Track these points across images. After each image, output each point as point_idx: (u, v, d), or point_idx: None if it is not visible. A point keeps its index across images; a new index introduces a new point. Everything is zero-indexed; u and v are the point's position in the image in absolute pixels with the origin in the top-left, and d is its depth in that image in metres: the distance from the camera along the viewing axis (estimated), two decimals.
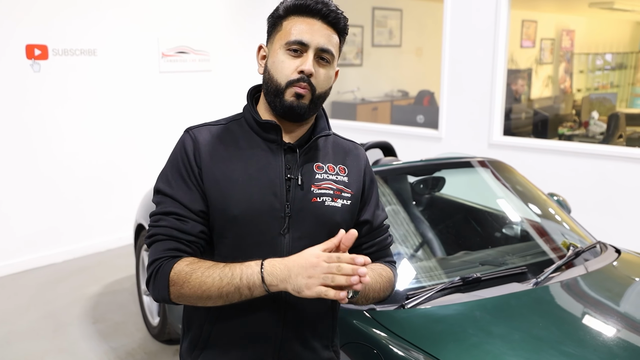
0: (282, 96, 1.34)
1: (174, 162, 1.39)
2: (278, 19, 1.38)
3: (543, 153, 4.62)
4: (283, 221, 1.35)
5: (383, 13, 7.68)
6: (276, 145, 1.39)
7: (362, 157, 1.52)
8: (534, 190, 2.88)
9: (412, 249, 2.56)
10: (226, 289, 1.25)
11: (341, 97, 7.14)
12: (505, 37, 4.72)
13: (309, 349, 1.44)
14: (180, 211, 1.34)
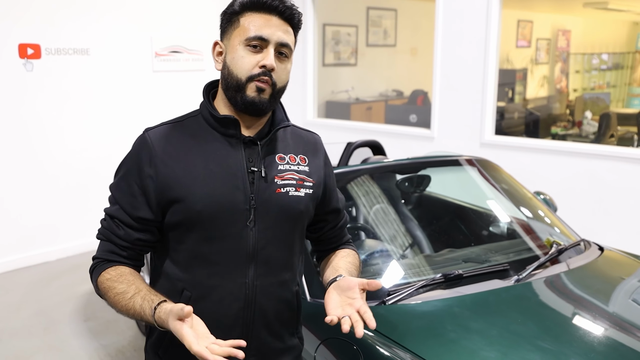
0: (244, 91, 1.36)
1: (125, 165, 1.42)
2: (234, 15, 1.40)
3: (534, 152, 4.64)
4: (249, 213, 1.38)
5: (378, 13, 7.70)
6: (235, 140, 1.41)
7: (321, 147, 1.57)
8: (520, 189, 2.90)
9: (397, 247, 2.58)
10: (133, 318, 1.35)
11: (335, 97, 7.15)
12: (497, 37, 4.74)
13: (275, 336, 1.49)
14: (120, 216, 1.39)
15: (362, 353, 1.77)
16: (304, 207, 1.45)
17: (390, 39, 7.98)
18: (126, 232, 1.39)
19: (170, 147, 1.39)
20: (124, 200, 1.39)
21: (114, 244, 1.40)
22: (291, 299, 1.51)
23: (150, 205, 1.38)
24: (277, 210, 1.41)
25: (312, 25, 6.12)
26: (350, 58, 7.43)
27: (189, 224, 1.37)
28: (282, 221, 1.42)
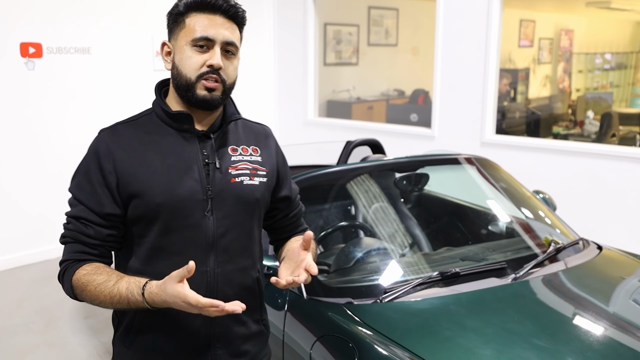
0: (194, 90, 1.41)
1: (85, 166, 1.45)
2: (179, 15, 1.43)
3: (535, 151, 4.63)
4: (206, 203, 1.44)
5: (379, 12, 7.70)
6: (189, 134, 1.46)
7: (272, 137, 1.64)
8: (519, 188, 2.90)
9: (394, 245, 2.58)
10: (119, 306, 1.36)
11: (336, 96, 7.16)
12: (498, 36, 4.74)
13: (239, 323, 1.53)
14: (87, 216, 1.42)
15: (357, 350, 1.77)
16: (259, 195, 1.52)
17: (392, 39, 7.97)
18: (96, 231, 1.42)
19: (126, 145, 1.44)
20: (88, 200, 1.42)
21: (84, 244, 1.43)
22: (252, 285, 1.55)
23: (115, 201, 1.42)
24: (233, 199, 1.47)
25: (313, 25, 6.12)
26: (352, 57, 7.43)
27: (150, 217, 1.42)
28: (238, 209, 1.48)
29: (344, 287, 2.19)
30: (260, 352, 1.62)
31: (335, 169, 2.68)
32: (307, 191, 2.80)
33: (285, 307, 2.11)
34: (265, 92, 6.44)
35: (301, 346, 1.96)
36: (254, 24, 6.08)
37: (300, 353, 1.95)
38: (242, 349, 1.55)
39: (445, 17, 4.98)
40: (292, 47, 6.29)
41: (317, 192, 2.98)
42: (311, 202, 3.04)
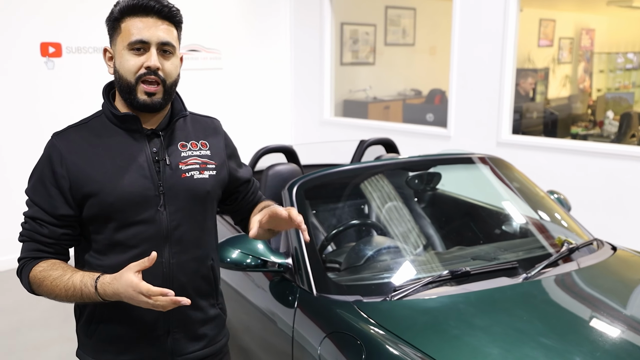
0: (135, 93, 1.47)
1: (39, 170, 1.52)
2: (115, 21, 1.48)
3: (552, 152, 4.59)
4: (158, 199, 1.51)
5: (396, 12, 7.68)
6: (138, 134, 1.53)
7: (220, 130, 1.71)
8: (533, 188, 2.88)
9: (406, 244, 2.58)
10: (73, 299, 1.44)
11: (353, 96, 7.16)
12: (514, 36, 4.70)
13: (196, 308, 1.61)
14: (42, 216, 1.49)
15: (365, 347, 1.78)
16: (210, 188, 1.60)
17: (409, 38, 7.96)
18: (50, 230, 1.49)
19: (78, 147, 1.50)
20: (42, 202, 1.49)
21: (39, 243, 1.50)
22: (207, 272, 1.64)
23: (68, 203, 1.49)
24: (184, 194, 1.54)
25: (329, 24, 6.14)
26: (369, 57, 7.42)
27: (105, 216, 1.49)
28: (190, 203, 1.56)
29: (353, 284, 2.20)
30: (218, 334, 1.73)
31: (346, 167, 2.69)
32: (319, 189, 2.82)
33: (295, 304, 2.12)
34: (282, 92, 6.46)
35: (310, 343, 1.97)
36: (270, 23, 6.11)
37: (309, 349, 1.97)
38: (199, 332, 1.65)
39: (461, 16, 4.96)
40: (309, 47, 6.31)
41: (329, 190, 2.99)
42: (323, 200, 3.05)
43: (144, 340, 1.58)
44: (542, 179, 4.36)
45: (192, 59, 5.46)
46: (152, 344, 1.58)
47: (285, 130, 6.54)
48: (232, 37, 5.83)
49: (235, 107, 5.99)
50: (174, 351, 1.61)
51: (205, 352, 1.67)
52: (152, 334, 1.57)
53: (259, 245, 2.16)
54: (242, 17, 5.95)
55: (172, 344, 1.60)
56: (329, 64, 6.22)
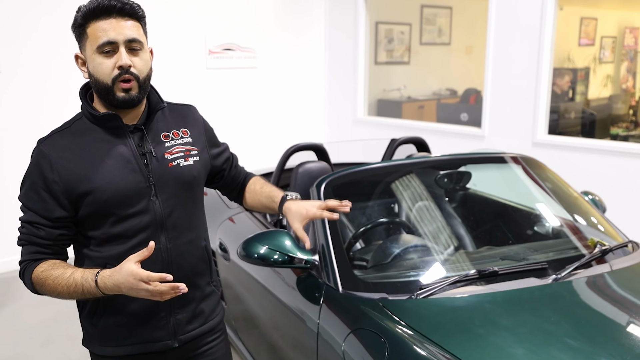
0: (113, 94, 1.52)
1: (30, 177, 1.56)
2: (80, 27, 1.51)
3: (589, 153, 4.49)
4: (150, 190, 1.60)
5: (432, 11, 7.62)
6: (121, 131, 1.59)
7: (197, 116, 1.81)
8: (566, 188, 2.82)
9: (435, 243, 2.57)
10: (75, 295, 1.50)
11: (387, 95, 7.13)
12: (552, 34, 4.62)
13: (193, 287, 1.71)
14: (38, 220, 1.54)
15: (388, 344, 1.78)
16: (196, 173, 1.69)
17: (445, 37, 7.88)
18: (47, 232, 1.55)
19: (66, 153, 1.55)
20: (37, 207, 1.54)
21: (38, 245, 1.55)
22: (201, 253, 1.74)
23: (62, 206, 1.54)
24: (173, 181, 1.63)
25: (363, 24, 6.13)
26: (404, 56, 7.38)
27: (100, 213, 1.56)
28: (180, 189, 1.64)
29: (379, 282, 2.20)
30: (214, 310, 1.83)
31: (374, 165, 2.68)
32: (348, 187, 2.82)
33: (321, 300, 2.13)
34: (316, 91, 6.49)
35: (334, 338, 1.98)
36: (305, 22, 6.14)
37: (334, 345, 1.98)
38: (197, 309, 1.75)
39: (497, 15, 4.89)
40: (343, 46, 6.31)
41: (359, 188, 2.99)
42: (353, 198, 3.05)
43: (148, 325, 1.66)
44: (578, 180, 4.27)
45: (227, 58, 5.52)
46: (155, 326, 1.66)
47: (318, 130, 6.56)
48: (267, 36, 5.87)
49: (270, 106, 6.03)
50: (176, 331, 1.70)
51: (203, 328, 1.77)
52: (155, 317, 1.66)
53: (286, 242, 2.17)
54: (277, 17, 5.99)
55: (175, 324, 1.69)
56: (363, 63, 6.21)
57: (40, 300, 4.05)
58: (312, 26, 6.29)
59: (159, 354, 1.71)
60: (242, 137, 5.72)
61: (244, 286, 2.87)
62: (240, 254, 2.17)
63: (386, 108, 6.80)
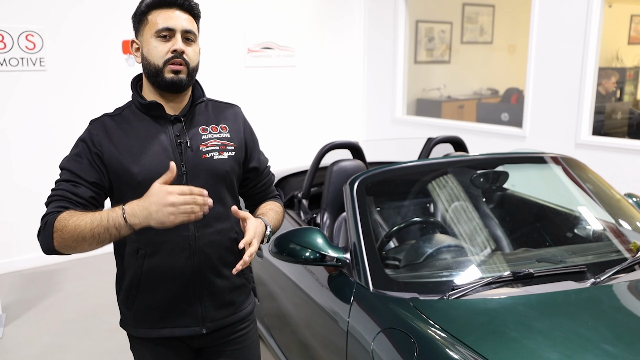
0: (162, 74, 1.62)
1: (76, 148, 1.67)
2: (142, 14, 1.66)
3: (635, 154, 4.34)
4: (181, 178, 1.66)
5: (474, 9, 7.50)
6: (162, 120, 1.69)
7: (239, 114, 1.86)
8: (608, 190, 2.73)
9: (470, 243, 2.52)
10: (97, 230, 1.47)
11: (426, 95, 7.05)
12: (598, 32, 4.48)
13: (222, 277, 1.78)
14: (74, 179, 1.61)
15: (417, 344, 1.75)
16: (228, 167, 1.74)
17: (487, 36, 7.75)
18: (82, 190, 1.60)
19: (110, 134, 1.66)
20: (77, 168, 1.61)
21: (68, 200, 1.57)
22: (230, 244, 1.78)
23: (100, 174, 1.63)
24: (205, 173, 1.69)
25: (403, 22, 6.07)
26: (444, 55, 7.29)
27: (134, 194, 1.57)
28: (211, 181, 1.69)
29: (411, 282, 2.16)
30: (245, 301, 1.89)
31: (408, 164, 2.65)
32: (381, 186, 2.80)
33: (351, 298, 2.11)
34: (354, 90, 6.46)
35: (364, 337, 1.97)
36: (344, 21, 6.12)
37: (363, 343, 1.96)
38: (227, 299, 1.81)
39: (540, 13, 4.77)
40: (382, 45, 6.27)
41: (393, 187, 2.96)
42: (389, 197, 3.02)
43: (178, 310, 1.73)
44: (623, 182, 4.13)
45: (266, 56, 5.55)
46: (184, 312, 1.74)
47: (357, 128, 6.54)
48: (305, 35, 5.88)
49: (308, 105, 6.04)
50: (205, 318, 1.76)
51: (233, 317, 1.83)
52: (184, 303, 1.73)
53: (318, 240, 2.17)
54: (316, 15, 5.99)
55: (203, 311, 1.76)
56: (402, 62, 6.15)
57: (81, 293, 4.16)
58: (351, 25, 6.27)
59: (189, 339, 1.79)
60: (280, 135, 5.75)
61: (276, 283, 2.87)
62: (272, 250, 2.17)
63: (425, 107, 6.73)
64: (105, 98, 4.74)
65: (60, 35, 4.51)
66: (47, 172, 4.56)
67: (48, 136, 4.58)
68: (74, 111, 4.64)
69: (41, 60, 4.42)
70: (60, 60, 4.54)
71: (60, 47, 4.52)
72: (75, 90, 4.64)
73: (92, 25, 4.62)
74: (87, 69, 4.65)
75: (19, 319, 3.76)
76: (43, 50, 4.42)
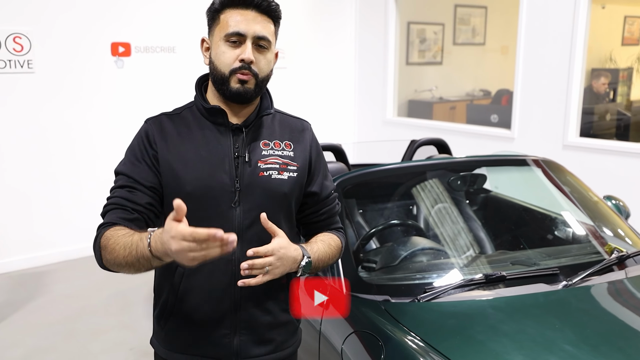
0: (228, 84, 1.46)
1: (132, 148, 1.53)
2: (215, 12, 1.48)
3: (622, 156, 4.35)
4: (234, 195, 1.48)
5: (466, 11, 7.50)
6: (224, 128, 1.51)
7: (308, 133, 1.64)
8: (587, 192, 2.74)
9: (448, 246, 2.53)
10: (129, 259, 1.32)
11: (418, 96, 7.06)
12: (585, 33, 4.49)
13: (264, 311, 1.56)
14: (130, 183, 1.47)
15: (384, 347, 1.76)
16: (287, 190, 1.53)
17: (479, 37, 7.75)
18: (139, 196, 1.46)
19: (167, 135, 1.51)
20: (133, 172, 1.48)
21: (124, 209, 1.44)
22: (279, 277, 1.47)
23: (157, 177, 1.48)
24: (260, 192, 1.49)
25: (393, 24, 6.08)
26: (436, 56, 7.30)
27: None
28: (265, 202, 1.50)
29: (384, 284, 2.18)
30: (287, 341, 1.63)
31: (386, 167, 2.66)
32: (361, 188, 2.81)
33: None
34: (345, 92, 6.47)
35: (336, 338, 1.98)
36: (335, 23, 6.13)
37: (335, 344, 1.97)
38: (266, 336, 1.58)
39: (528, 14, 4.78)
40: (373, 47, 6.28)
41: (375, 190, 2.97)
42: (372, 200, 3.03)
43: (210, 338, 1.54)
44: (610, 183, 4.13)
45: None
46: (218, 342, 1.54)
47: (348, 130, 6.55)
48: (296, 36, 5.89)
49: (299, 106, 6.04)
50: (239, 353, 1.55)
51: (271, 357, 1.60)
52: (218, 333, 1.54)
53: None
54: (307, 17, 6.01)
55: (238, 345, 1.54)
56: (393, 64, 6.16)
57: (69, 295, 4.17)
58: (343, 27, 6.28)
59: None
60: None
61: None
62: None
63: (417, 109, 6.74)
64: (94, 99, 4.75)
65: (49, 37, 4.52)
66: (35, 173, 4.57)
67: (37, 138, 4.59)
68: (63, 113, 4.65)
69: (29, 62, 4.44)
70: (49, 62, 4.55)
71: (49, 49, 4.53)
72: (64, 92, 4.65)
73: (80, 27, 4.62)
74: (76, 71, 4.66)
75: (5, 321, 3.77)
76: (31, 52, 4.43)
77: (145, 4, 4.86)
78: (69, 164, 4.74)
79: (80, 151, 4.77)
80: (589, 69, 6.44)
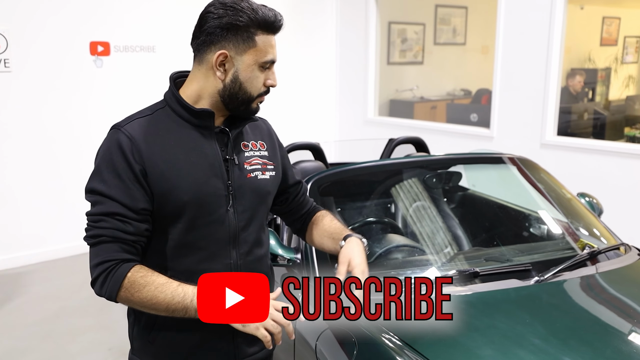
0: (250, 105, 1.47)
1: (108, 161, 1.39)
2: (247, 32, 1.40)
3: (599, 154, 4.41)
4: (227, 199, 1.48)
5: (447, 11, 7.56)
6: (208, 131, 1.47)
7: (272, 129, 1.69)
8: (560, 190, 2.78)
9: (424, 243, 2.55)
10: (174, 307, 1.34)
11: (399, 95, 7.10)
12: (562, 33, 4.55)
13: None
14: (122, 211, 1.36)
15: (357, 343, 1.77)
16: (271, 188, 1.59)
17: (460, 37, 7.81)
18: (135, 226, 1.38)
19: (149, 141, 1.40)
20: (120, 195, 1.36)
21: (124, 242, 1.37)
22: (267, 271, 1.63)
23: (147, 195, 1.39)
24: (250, 194, 1.52)
25: (374, 24, 6.11)
26: (417, 56, 7.34)
27: (176, 214, 1.42)
28: (255, 203, 1.54)
29: None
30: None
31: (361, 165, 2.67)
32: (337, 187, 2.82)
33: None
34: (327, 91, 6.49)
35: (310, 335, 1.99)
36: (316, 22, 6.14)
37: (309, 341, 1.98)
38: None
39: (506, 14, 4.83)
40: (354, 46, 6.30)
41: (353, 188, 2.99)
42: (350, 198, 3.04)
43: (208, 346, 1.53)
44: (586, 181, 4.19)
45: None
46: (216, 349, 1.54)
47: (330, 129, 6.56)
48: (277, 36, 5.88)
49: (280, 106, 6.05)
50: (236, 355, 1.57)
51: (263, 352, 1.63)
52: (216, 340, 1.52)
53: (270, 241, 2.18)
54: (288, 16, 5.99)
55: (235, 348, 1.56)
56: (374, 63, 6.19)
57: (46, 296, 4.14)
58: (324, 26, 6.29)
59: None
60: None
61: None
62: None
63: (398, 108, 6.77)
64: (73, 99, 4.71)
65: (26, 36, 4.48)
66: (12, 174, 4.53)
67: (14, 138, 4.55)
68: (42, 113, 4.62)
69: (6, 61, 4.40)
70: (26, 62, 4.51)
71: (26, 48, 4.49)
72: (42, 92, 4.62)
73: (58, 26, 4.59)
74: (54, 70, 4.63)
75: None
76: (7, 51, 4.39)
77: (125, 3, 4.84)
78: (48, 164, 4.70)
79: (59, 152, 4.73)
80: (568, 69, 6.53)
